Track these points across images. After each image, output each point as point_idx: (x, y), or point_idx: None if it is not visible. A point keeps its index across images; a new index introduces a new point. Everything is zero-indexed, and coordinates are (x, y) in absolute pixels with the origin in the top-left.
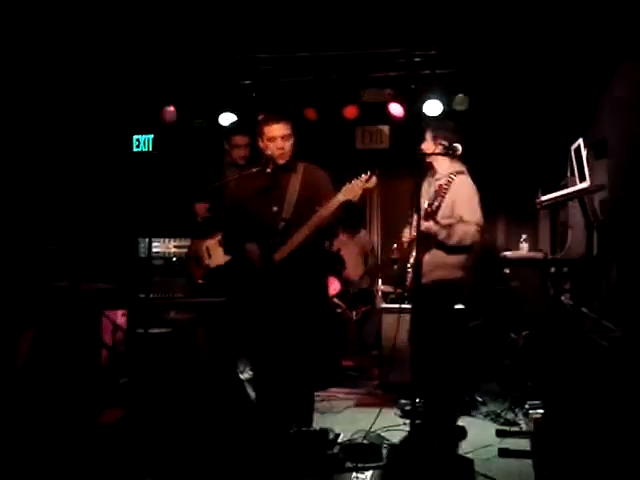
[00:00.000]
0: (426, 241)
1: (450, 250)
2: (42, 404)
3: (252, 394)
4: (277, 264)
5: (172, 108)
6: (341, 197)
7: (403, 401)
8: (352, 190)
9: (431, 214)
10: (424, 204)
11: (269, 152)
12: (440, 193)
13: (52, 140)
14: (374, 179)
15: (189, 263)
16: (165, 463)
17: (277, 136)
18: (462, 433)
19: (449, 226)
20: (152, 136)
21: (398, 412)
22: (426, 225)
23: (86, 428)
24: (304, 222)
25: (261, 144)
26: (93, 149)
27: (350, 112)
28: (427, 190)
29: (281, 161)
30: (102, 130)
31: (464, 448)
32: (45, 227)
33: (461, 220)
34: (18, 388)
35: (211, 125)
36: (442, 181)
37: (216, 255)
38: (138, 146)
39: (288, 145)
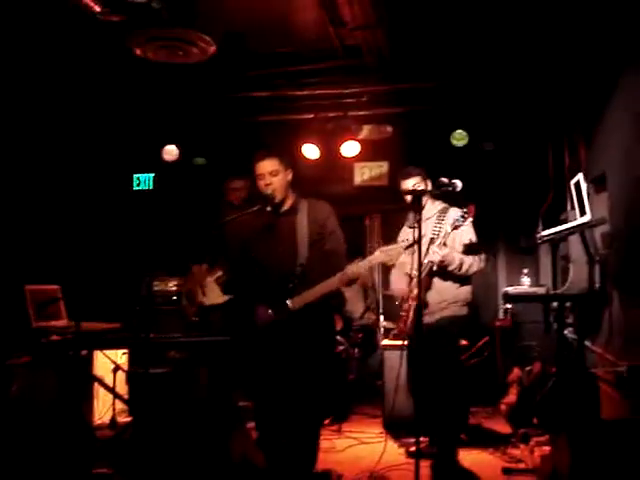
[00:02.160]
0: (429, 277)
1: (459, 284)
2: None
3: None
4: (291, 312)
5: (173, 147)
6: (377, 258)
7: (406, 440)
8: (389, 254)
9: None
10: (425, 238)
11: (261, 190)
12: (438, 228)
13: (53, 179)
14: (413, 247)
15: (181, 300)
16: None
17: (264, 172)
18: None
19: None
20: (152, 175)
21: (402, 451)
22: (443, 253)
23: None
24: (320, 270)
25: (256, 183)
26: (94, 188)
27: (349, 149)
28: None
29: (276, 199)
30: (103, 169)
31: None
32: (45, 266)
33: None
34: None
35: (211, 163)
36: (434, 218)
37: (212, 293)
38: (139, 184)
39: (277, 180)
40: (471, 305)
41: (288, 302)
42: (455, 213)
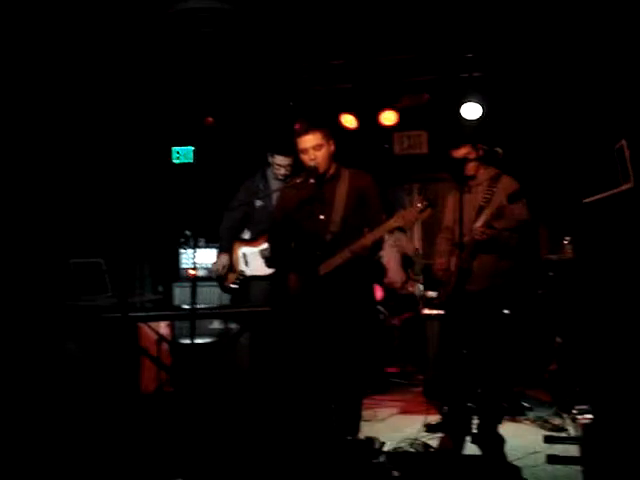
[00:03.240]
0: (479, 247)
1: (501, 256)
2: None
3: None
4: (322, 277)
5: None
6: (393, 223)
7: (445, 408)
8: (405, 218)
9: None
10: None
11: (305, 163)
12: (488, 196)
13: (93, 153)
14: (429, 211)
15: (218, 266)
16: (204, 467)
17: (308, 147)
18: (501, 441)
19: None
20: (192, 148)
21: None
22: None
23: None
24: (352, 237)
25: (299, 156)
26: (134, 161)
27: (388, 118)
28: (468, 198)
29: (320, 170)
30: (142, 142)
31: (512, 455)
32: (88, 240)
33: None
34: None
35: (251, 136)
36: (484, 185)
37: (254, 264)
38: (178, 158)
39: (321, 154)
40: (514, 276)
41: (318, 268)
42: (510, 183)
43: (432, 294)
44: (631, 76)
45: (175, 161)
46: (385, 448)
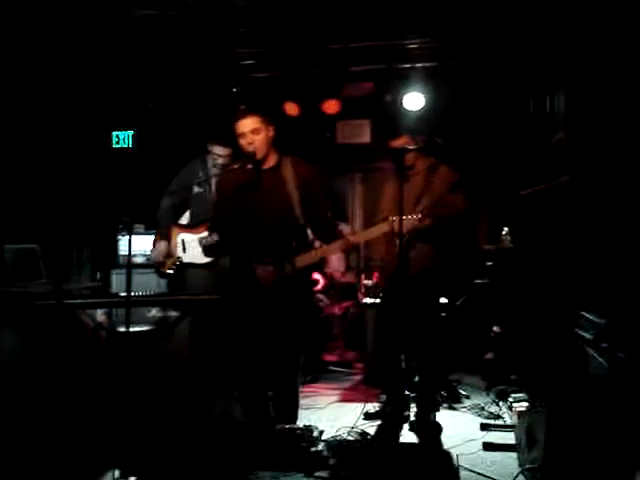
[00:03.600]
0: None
1: (439, 245)
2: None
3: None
4: (298, 270)
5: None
6: (386, 227)
7: (384, 396)
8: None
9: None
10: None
11: (243, 148)
12: (426, 185)
13: (30, 137)
14: (427, 222)
15: (155, 251)
16: (148, 460)
17: (246, 131)
18: (438, 428)
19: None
20: (132, 132)
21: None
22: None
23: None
24: (319, 234)
25: (238, 141)
26: (72, 145)
27: (331, 106)
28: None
29: (258, 155)
30: (81, 126)
31: (448, 442)
32: (23, 226)
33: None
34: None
35: (192, 122)
36: (422, 174)
37: (192, 252)
38: (118, 142)
39: (259, 139)
40: (452, 261)
41: (291, 261)
42: (449, 172)
43: (370, 282)
44: (571, 67)
45: (114, 146)
46: (323, 436)
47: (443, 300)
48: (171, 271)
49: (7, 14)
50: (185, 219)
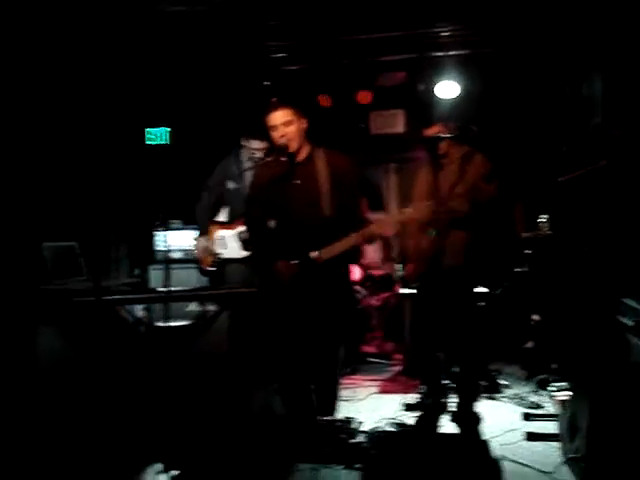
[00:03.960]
0: (452, 223)
1: (474, 233)
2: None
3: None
4: (322, 263)
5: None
6: (408, 214)
7: (423, 387)
8: (420, 211)
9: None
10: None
11: (275, 141)
12: (460, 174)
13: (67, 135)
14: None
15: (197, 249)
16: (189, 453)
17: (277, 124)
18: (479, 419)
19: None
20: (168, 129)
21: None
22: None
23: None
24: (346, 226)
25: (270, 134)
26: (107, 143)
27: (364, 97)
28: (441, 176)
29: (290, 148)
30: (117, 123)
31: (490, 432)
32: (62, 223)
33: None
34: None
35: (226, 117)
36: (457, 163)
37: (231, 247)
38: (154, 139)
39: (290, 131)
40: (488, 252)
41: (314, 254)
42: (483, 161)
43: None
44: (608, 50)
45: (150, 142)
46: (363, 428)
47: (482, 289)
48: (212, 268)
49: (40, 11)
50: (224, 216)
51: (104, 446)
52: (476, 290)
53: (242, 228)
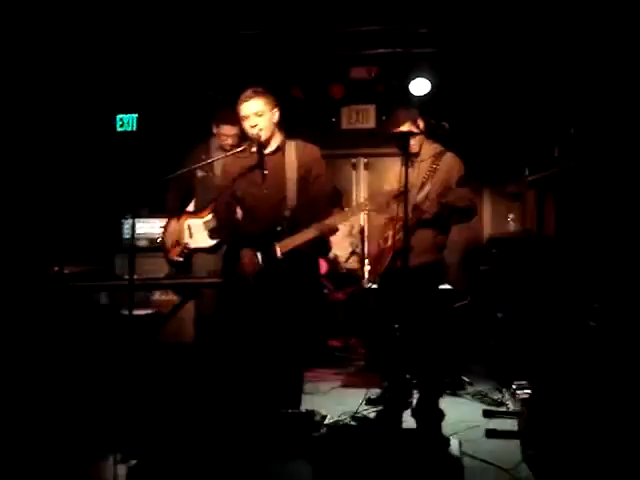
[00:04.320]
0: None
1: (438, 231)
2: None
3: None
4: (280, 255)
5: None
6: (364, 208)
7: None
8: (377, 202)
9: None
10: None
11: (246, 131)
12: (430, 173)
13: (33, 121)
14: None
15: (165, 239)
16: (148, 445)
17: (249, 114)
18: (440, 415)
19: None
20: (136, 115)
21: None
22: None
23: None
24: (308, 214)
25: (241, 123)
26: (76, 130)
27: (336, 91)
28: (411, 173)
29: (261, 138)
30: (85, 110)
31: (451, 428)
32: (27, 212)
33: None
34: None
35: (195, 104)
36: (428, 162)
37: (198, 236)
38: (122, 126)
39: (262, 121)
40: (455, 251)
41: (275, 246)
42: (454, 161)
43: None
44: (578, 55)
45: (118, 129)
46: (326, 421)
47: (447, 286)
48: (180, 258)
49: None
50: (192, 205)
51: (62, 435)
52: (441, 287)
53: (209, 217)
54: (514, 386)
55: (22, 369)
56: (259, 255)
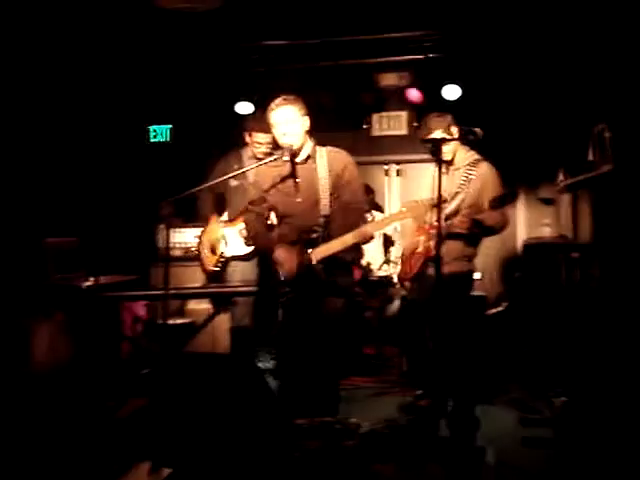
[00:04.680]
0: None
1: (468, 242)
2: (63, 399)
3: (273, 385)
4: (317, 262)
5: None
6: (402, 215)
7: (419, 392)
8: (414, 211)
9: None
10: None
11: (277, 139)
12: (464, 181)
13: (69, 132)
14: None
15: (200, 249)
16: (184, 453)
17: (280, 121)
18: (476, 423)
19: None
20: (169, 126)
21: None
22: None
23: (109, 417)
24: (343, 225)
25: (272, 132)
26: (110, 140)
27: (367, 98)
28: (445, 181)
29: (293, 147)
30: (119, 121)
31: (487, 437)
32: (63, 219)
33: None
34: (37, 384)
35: (228, 115)
36: (463, 170)
37: (233, 244)
38: (155, 137)
39: (294, 129)
40: (489, 257)
41: (309, 253)
42: (489, 172)
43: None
44: (610, 58)
45: (152, 139)
46: (361, 430)
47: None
48: (217, 268)
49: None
50: (226, 214)
51: (94, 443)
52: (474, 294)
53: (243, 224)
54: (550, 394)
55: (56, 375)
56: (296, 259)
